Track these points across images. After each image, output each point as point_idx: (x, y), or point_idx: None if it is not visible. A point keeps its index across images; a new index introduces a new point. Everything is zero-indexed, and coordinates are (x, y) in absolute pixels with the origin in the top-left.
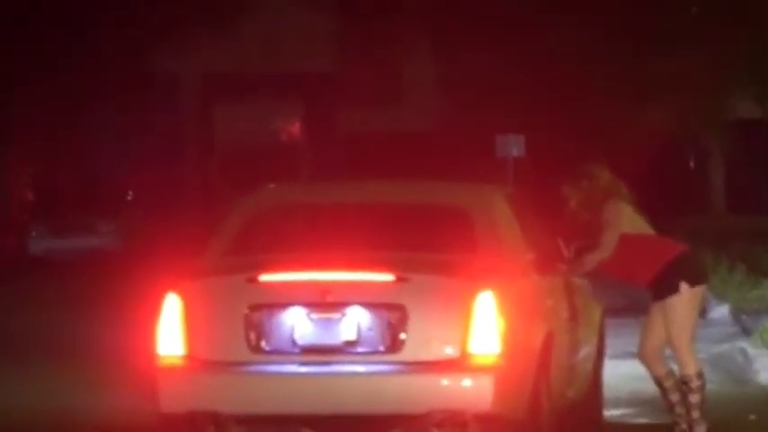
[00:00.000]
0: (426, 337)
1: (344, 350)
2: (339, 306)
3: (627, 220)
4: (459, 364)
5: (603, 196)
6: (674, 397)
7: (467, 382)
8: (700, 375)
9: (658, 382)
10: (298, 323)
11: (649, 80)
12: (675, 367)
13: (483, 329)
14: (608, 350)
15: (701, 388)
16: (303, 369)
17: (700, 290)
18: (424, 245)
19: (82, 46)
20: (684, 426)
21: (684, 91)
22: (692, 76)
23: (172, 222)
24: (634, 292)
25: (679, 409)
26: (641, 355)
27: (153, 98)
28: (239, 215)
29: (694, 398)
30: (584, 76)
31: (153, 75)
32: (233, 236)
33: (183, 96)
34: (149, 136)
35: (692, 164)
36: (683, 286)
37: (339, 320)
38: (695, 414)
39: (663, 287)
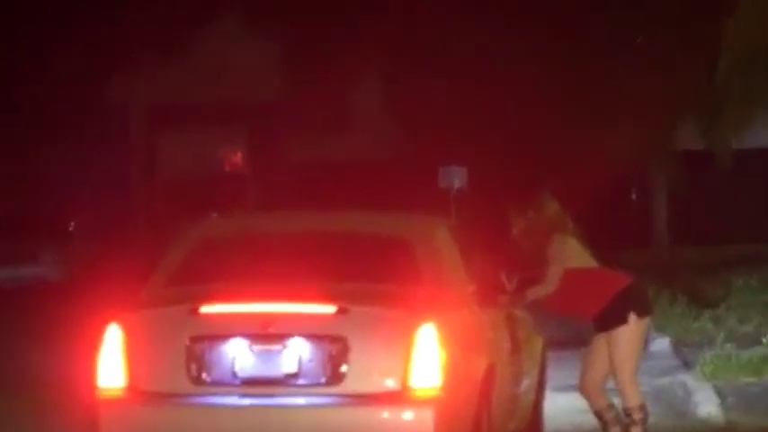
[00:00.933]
0: (367, 370)
1: (285, 382)
2: (280, 338)
3: (573, 254)
4: (400, 397)
5: (548, 228)
6: (615, 430)
7: (408, 415)
8: (642, 408)
9: (599, 416)
10: (239, 355)
11: (592, 111)
12: (616, 400)
13: (424, 362)
14: (549, 382)
15: (644, 420)
16: (244, 401)
17: (646, 321)
18: (367, 276)
19: (28, 73)
20: None
21: (628, 122)
22: (636, 107)
23: (116, 252)
24: (575, 325)
25: None
26: (582, 388)
27: (100, 127)
28: (182, 246)
29: (636, 430)
30: (527, 109)
31: (100, 103)
32: (175, 267)
33: (130, 125)
34: (95, 165)
35: (634, 195)
36: (632, 317)
37: (280, 352)
38: None
39: (610, 318)
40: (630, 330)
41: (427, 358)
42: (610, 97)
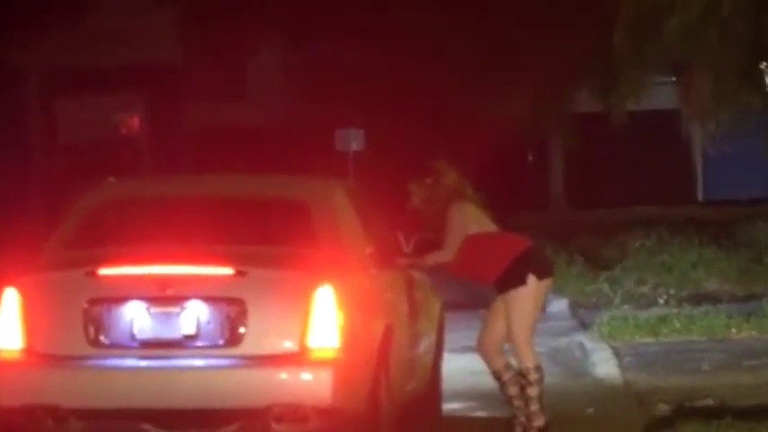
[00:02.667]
0: (266, 331)
1: (184, 344)
2: (178, 300)
3: (473, 220)
4: (298, 358)
5: (447, 196)
6: (513, 390)
7: (306, 376)
8: (538, 368)
9: (497, 376)
10: (137, 317)
11: (490, 71)
12: (513, 361)
13: (322, 323)
14: (447, 344)
15: (540, 381)
16: (142, 363)
17: (546, 284)
18: (264, 238)
19: None
20: (523, 418)
21: (524, 83)
22: (533, 68)
23: (14, 217)
24: (474, 287)
25: (517, 402)
26: (480, 349)
27: None
28: (80, 210)
29: (533, 390)
30: (424, 70)
31: None
32: (73, 230)
33: (27, 90)
34: None
35: (530, 157)
36: (530, 278)
37: (178, 314)
38: (534, 407)
39: (509, 280)
40: (529, 292)
41: (325, 319)
42: (506, 59)
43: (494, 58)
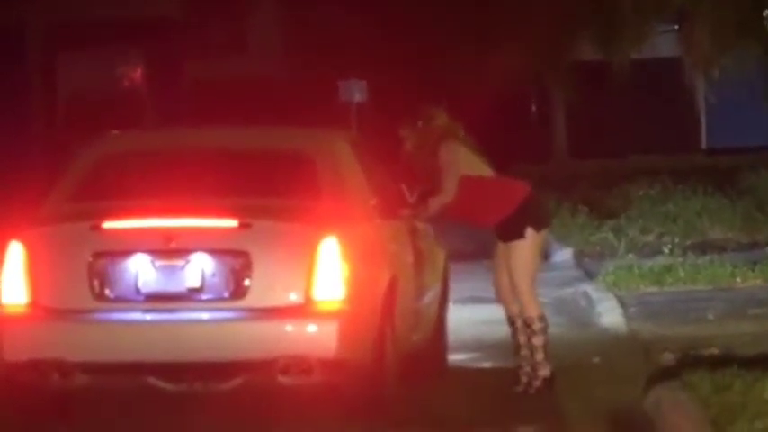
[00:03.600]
0: (270, 283)
1: (189, 297)
2: (183, 253)
3: (464, 161)
4: (303, 310)
5: (439, 138)
6: (522, 338)
7: (311, 328)
8: (542, 318)
9: (511, 321)
10: (141, 270)
11: (491, 22)
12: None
13: (327, 275)
14: (452, 294)
15: (544, 330)
16: (147, 316)
17: (544, 233)
18: (268, 191)
19: None
20: (528, 368)
21: (526, 33)
22: (533, 18)
23: (17, 171)
24: (478, 237)
25: (524, 351)
26: (497, 295)
27: None
28: (82, 163)
29: (537, 340)
30: (425, 20)
31: None
32: (76, 184)
33: (26, 45)
34: None
35: (534, 108)
36: (529, 231)
37: (183, 267)
38: (539, 356)
39: (509, 231)
40: (527, 244)
41: (330, 271)
42: (506, 8)
43: (494, 7)
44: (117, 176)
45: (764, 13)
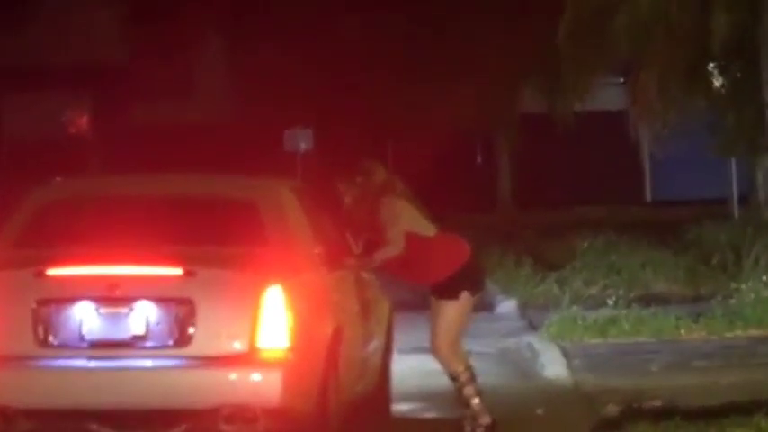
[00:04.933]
0: (215, 332)
1: (133, 344)
2: (127, 300)
3: (407, 215)
4: (247, 359)
5: (378, 193)
6: (468, 390)
7: (255, 377)
8: (467, 368)
9: (453, 377)
10: (86, 317)
11: (437, 71)
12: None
13: (271, 323)
14: (396, 344)
15: (471, 380)
16: (91, 363)
17: (477, 296)
18: (213, 238)
19: None
20: (470, 419)
21: (472, 83)
22: (480, 68)
23: None
24: (422, 288)
25: (462, 405)
26: (436, 353)
27: None
28: (27, 208)
29: (468, 390)
30: (370, 68)
31: None
32: (21, 229)
33: None
34: None
35: (479, 159)
36: (464, 294)
37: (127, 315)
38: (475, 406)
39: (443, 290)
40: (459, 305)
41: (274, 320)
42: (452, 58)
43: (439, 58)
44: (61, 223)
45: (709, 67)
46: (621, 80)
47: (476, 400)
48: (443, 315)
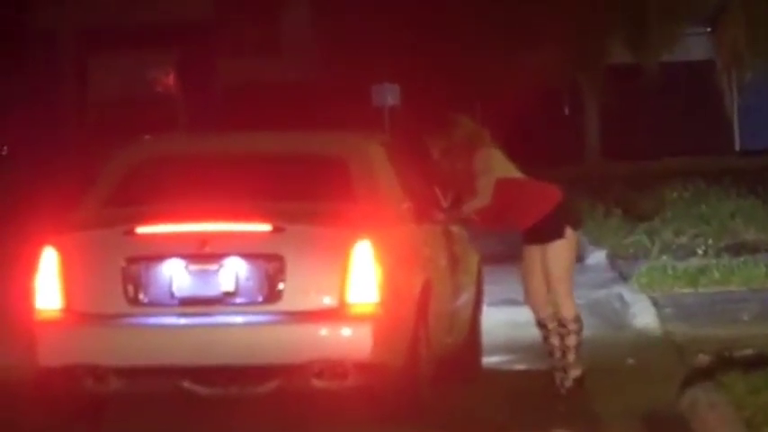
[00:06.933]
0: (304, 287)
1: (223, 301)
2: (217, 257)
3: (498, 165)
4: (337, 314)
5: (466, 145)
6: (554, 341)
7: (346, 332)
8: (577, 318)
9: (542, 324)
10: (175, 275)
11: (523, 25)
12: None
13: (360, 278)
14: (486, 297)
15: (578, 331)
16: (182, 321)
17: (578, 234)
18: (302, 195)
19: None
20: (561, 370)
21: (559, 36)
22: (567, 20)
23: (49, 176)
24: (511, 240)
25: (557, 353)
26: (528, 300)
27: (28, 54)
28: (115, 168)
29: (571, 340)
30: (458, 23)
31: (27, 30)
32: (110, 189)
33: (59, 50)
34: (25, 91)
35: (566, 110)
36: (568, 231)
37: (217, 271)
38: (571, 357)
39: (547, 231)
40: (567, 243)
41: (364, 274)
42: (539, 11)
43: (526, 12)
44: (150, 181)
45: None
46: (708, 29)
47: (573, 354)
48: (554, 259)
